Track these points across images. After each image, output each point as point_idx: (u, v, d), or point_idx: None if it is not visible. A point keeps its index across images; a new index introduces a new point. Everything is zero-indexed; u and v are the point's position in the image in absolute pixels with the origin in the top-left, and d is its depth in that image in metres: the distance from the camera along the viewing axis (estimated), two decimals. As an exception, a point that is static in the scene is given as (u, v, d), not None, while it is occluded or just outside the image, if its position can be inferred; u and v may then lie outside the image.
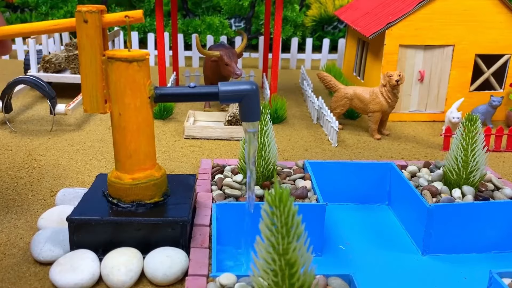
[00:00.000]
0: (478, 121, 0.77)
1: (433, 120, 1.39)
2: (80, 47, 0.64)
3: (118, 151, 0.69)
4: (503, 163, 1.11)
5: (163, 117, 1.33)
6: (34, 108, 1.38)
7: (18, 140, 1.14)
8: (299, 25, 2.30)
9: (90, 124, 1.27)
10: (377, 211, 0.88)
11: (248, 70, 1.94)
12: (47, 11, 2.27)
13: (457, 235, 0.75)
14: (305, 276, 0.47)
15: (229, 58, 1.30)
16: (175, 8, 1.62)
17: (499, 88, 1.39)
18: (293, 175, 0.84)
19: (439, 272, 0.71)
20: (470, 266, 0.73)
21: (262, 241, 0.46)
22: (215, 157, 1.08)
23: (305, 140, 1.21)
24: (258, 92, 0.64)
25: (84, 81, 0.66)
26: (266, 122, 0.79)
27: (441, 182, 0.82)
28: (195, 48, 2.03)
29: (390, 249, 0.77)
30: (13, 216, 0.81)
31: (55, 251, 0.69)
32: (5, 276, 0.66)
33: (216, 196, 0.78)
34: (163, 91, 0.67)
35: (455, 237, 0.75)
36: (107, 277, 0.64)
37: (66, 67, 1.54)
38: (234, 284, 0.57)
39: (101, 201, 0.72)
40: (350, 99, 1.25)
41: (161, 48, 1.34)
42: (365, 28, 1.43)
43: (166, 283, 0.65)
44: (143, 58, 0.65)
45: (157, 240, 0.68)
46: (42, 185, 0.92)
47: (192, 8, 2.37)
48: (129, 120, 0.66)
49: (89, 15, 0.62)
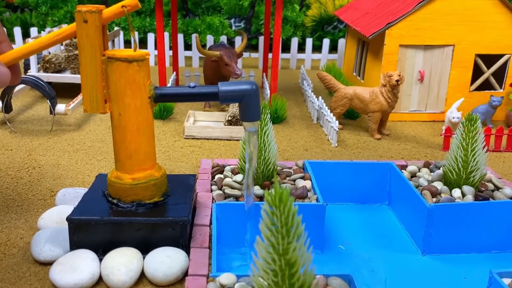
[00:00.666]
0: (478, 121, 0.77)
1: (433, 120, 1.39)
2: (80, 47, 0.64)
3: (118, 151, 0.69)
4: (503, 163, 1.11)
5: (163, 117, 1.33)
6: (34, 108, 1.38)
7: (18, 140, 1.14)
8: (299, 25, 2.30)
9: (90, 124, 1.27)
10: (377, 211, 0.88)
11: (248, 70, 1.94)
12: (47, 11, 2.27)
13: (457, 235, 0.75)
14: (305, 276, 0.47)
15: (229, 58, 1.30)
16: (175, 8, 1.62)
17: (499, 88, 1.39)
18: (293, 175, 0.84)
19: (439, 272, 0.71)
20: (470, 266, 0.73)
21: (262, 241, 0.46)
22: (215, 157, 1.08)
23: (305, 140, 1.21)
24: (258, 92, 0.64)
25: (84, 81, 0.65)
26: (266, 122, 0.79)
27: (441, 182, 0.82)
28: (195, 48, 2.03)
29: (390, 249, 0.77)
30: (13, 216, 0.81)
31: (55, 251, 0.69)
32: (5, 276, 0.66)
33: (216, 196, 0.78)
34: (163, 91, 0.67)
35: (455, 237, 0.75)
36: (107, 277, 0.64)
37: (66, 67, 1.54)
38: (234, 284, 0.57)
39: (101, 201, 0.72)
40: (350, 99, 1.25)
41: (161, 48, 1.34)
42: (365, 28, 1.43)
43: (166, 283, 0.65)
44: (143, 58, 0.65)
45: (157, 240, 0.68)
46: (42, 185, 0.92)
47: (192, 8, 2.37)
48: (129, 120, 0.66)
49: (89, 15, 0.62)
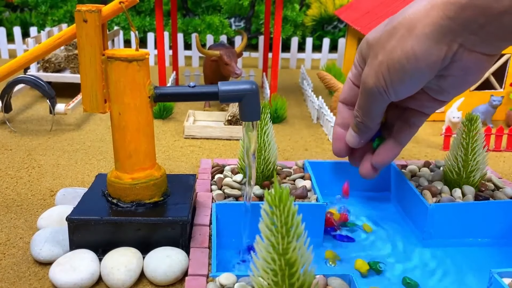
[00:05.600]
0: (478, 121, 0.77)
1: (433, 120, 1.39)
2: (79, 47, 0.64)
3: (117, 150, 0.69)
4: (503, 162, 1.10)
5: (163, 117, 1.33)
6: (33, 108, 1.38)
7: (18, 140, 1.14)
8: (299, 24, 2.29)
9: (90, 124, 1.27)
10: (377, 210, 0.88)
11: (248, 69, 1.93)
12: (46, 10, 2.27)
13: (457, 235, 0.75)
14: (305, 276, 0.47)
15: (229, 57, 1.30)
16: (175, 8, 1.62)
17: (499, 88, 1.39)
18: (293, 175, 0.84)
19: (439, 271, 0.71)
20: (470, 266, 0.73)
21: (262, 240, 0.46)
22: (215, 156, 1.08)
23: (305, 140, 1.21)
24: (258, 91, 0.64)
25: (84, 80, 0.65)
26: (266, 121, 0.79)
27: (441, 182, 0.82)
28: (195, 48, 2.03)
29: (390, 247, 0.76)
30: (12, 216, 0.81)
31: (54, 251, 0.69)
32: (4, 276, 0.66)
33: (216, 196, 0.78)
34: (163, 90, 0.67)
35: (455, 237, 0.75)
36: (107, 277, 0.64)
37: (65, 66, 1.54)
38: (234, 284, 0.57)
39: (100, 201, 0.72)
40: (350, 98, 1.25)
41: (161, 48, 1.34)
42: (365, 27, 1.43)
43: (166, 283, 0.65)
44: (143, 57, 0.65)
45: (157, 240, 0.68)
46: (41, 185, 0.92)
47: (192, 8, 2.37)
48: (129, 119, 0.66)
49: (89, 14, 0.62)
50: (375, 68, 0.60)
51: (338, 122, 0.74)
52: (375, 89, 0.61)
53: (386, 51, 0.58)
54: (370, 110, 0.65)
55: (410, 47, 0.55)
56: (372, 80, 0.61)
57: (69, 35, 0.67)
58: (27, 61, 0.71)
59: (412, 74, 0.57)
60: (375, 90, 0.61)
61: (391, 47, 0.57)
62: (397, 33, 0.57)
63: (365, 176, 0.72)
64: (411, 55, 0.56)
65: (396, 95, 0.61)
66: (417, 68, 0.56)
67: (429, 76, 0.58)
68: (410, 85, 0.59)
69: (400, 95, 0.61)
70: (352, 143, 0.71)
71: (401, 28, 0.56)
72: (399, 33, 0.56)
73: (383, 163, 0.70)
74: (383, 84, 0.60)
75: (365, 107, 0.65)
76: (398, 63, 0.57)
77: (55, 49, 0.69)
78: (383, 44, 0.58)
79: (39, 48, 0.69)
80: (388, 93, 0.60)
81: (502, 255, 0.75)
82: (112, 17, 0.66)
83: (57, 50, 1.71)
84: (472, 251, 0.75)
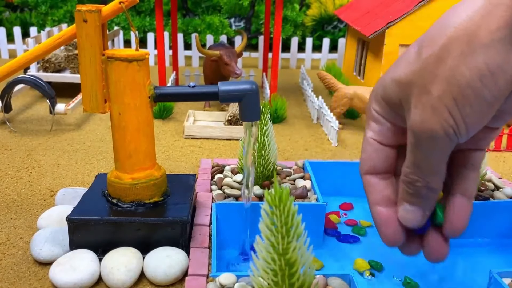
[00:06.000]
0: (478, 121, 0.77)
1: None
2: (79, 47, 0.64)
3: (117, 150, 0.69)
4: (503, 162, 1.10)
5: (163, 117, 1.33)
6: (33, 108, 1.38)
7: (18, 140, 1.14)
8: (299, 24, 2.29)
9: (90, 124, 1.27)
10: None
11: (248, 69, 1.93)
12: (46, 10, 2.27)
13: (457, 235, 0.75)
14: (305, 276, 0.47)
15: (229, 57, 1.30)
16: (175, 8, 1.62)
17: (499, 88, 1.39)
18: (293, 175, 0.84)
19: (439, 270, 0.71)
20: (470, 266, 0.73)
21: (262, 240, 0.46)
22: (215, 156, 1.08)
23: (305, 140, 1.21)
24: (258, 91, 0.64)
25: (84, 80, 0.65)
26: (266, 121, 0.79)
27: (441, 182, 0.82)
28: (195, 48, 2.03)
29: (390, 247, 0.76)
30: (12, 216, 0.81)
31: (54, 251, 0.69)
32: (4, 276, 0.66)
33: (216, 196, 0.78)
34: (162, 90, 0.67)
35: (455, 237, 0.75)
36: (107, 277, 0.64)
37: (65, 66, 1.54)
38: (234, 284, 0.57)
39: (100, 201, 0.72)
40: (350, 98, 1.25)
41: (161, 48, 1.34)
42: (365, 27, 1.43)
43: (166, 283, 0.65)
44: (143, 57, 0.65)
45: (157, 240, 0.68)
46: (41, 185, 0.92)
47: (192, 8, 2.37)
48: (129, 119, 0.66)
49: (89, 14, 0.62)
50: (433, 106, 0.45)
51: (376, 201, 0.55)
52: (441, 132, 0.45)
53: (443, 79, 0.43)
54: (433, 165, 0.48)
55: (482, 62, 0.42)
56: (434, 122, 0.45)
57: (69, 35, 0.68)
58: (27, 61, 0.71)
59: (488, 97, 0.43)
60: (440, 134, 0.45)
61: (450, 71, 0.43)
62: (452, 51, 0.43)
63: (442, 258, 0.54)
64: (486, 72, 0.42)
65: (468, 132, 0.45)
66: (496, 87, 0.42)
67: (506, 93, 0.44)
68: (486, 113, 0.44)
69: (472, 130, 0.46)
70: (414, 221, 0.51)
71: (455, 43, 0.43)
72: (455, 51, 0.43)
73: (462, 226, 0.51)
74: (452, 122, 0.44)
75: (426, 163, 0.48)
76: (468, 87, 0.42)
77: (55, 49, 0.69)
78: (433, 72, 0.44)
79: (39, 48, 0.70)
80: (458, 132, 0.45)
81: (502, 255, 0.75)
82: (112, 17, 0.66)
83: (57, 50, 1.71)
84: (472, 251, 0.75)
